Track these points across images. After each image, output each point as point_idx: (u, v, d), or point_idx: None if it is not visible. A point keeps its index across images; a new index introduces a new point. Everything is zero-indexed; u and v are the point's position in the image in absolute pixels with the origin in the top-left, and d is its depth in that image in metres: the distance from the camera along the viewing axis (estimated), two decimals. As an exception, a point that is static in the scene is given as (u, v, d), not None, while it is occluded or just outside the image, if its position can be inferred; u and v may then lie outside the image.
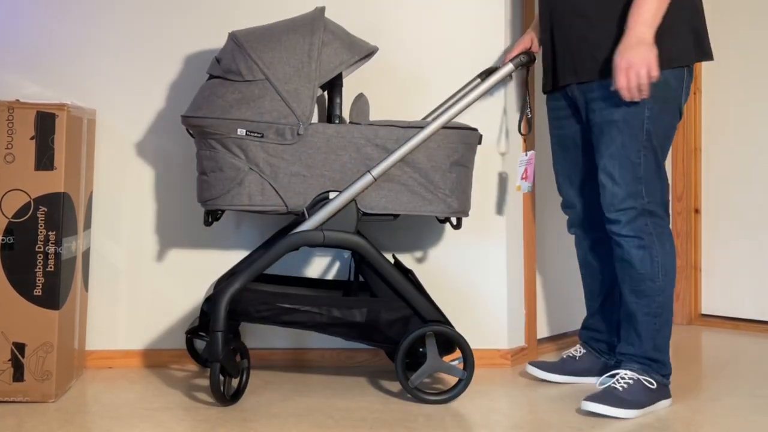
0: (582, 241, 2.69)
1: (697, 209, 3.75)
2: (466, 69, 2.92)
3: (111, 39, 2.90)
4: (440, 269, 2.95)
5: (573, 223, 2.70)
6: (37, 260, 2.47)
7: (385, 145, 2.49)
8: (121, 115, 2.90)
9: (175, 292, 2.91)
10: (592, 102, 2.47)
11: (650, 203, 2.42)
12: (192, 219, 2.92)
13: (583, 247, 2.69)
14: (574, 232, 2.70)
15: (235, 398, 2.49)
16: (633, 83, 2.33)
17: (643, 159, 2.41)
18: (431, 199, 2.51)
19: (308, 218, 2.47)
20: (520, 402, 2.54)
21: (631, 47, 2.33)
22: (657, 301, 2.44)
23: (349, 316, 2.49)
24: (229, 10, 2.91)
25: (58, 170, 2.48)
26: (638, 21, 2.34)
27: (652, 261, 2.42)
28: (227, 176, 2.46)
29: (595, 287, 2.69)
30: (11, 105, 2.47)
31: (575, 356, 2.73)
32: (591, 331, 2.72)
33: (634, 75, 2.32)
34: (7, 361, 2.47)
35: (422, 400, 2.49)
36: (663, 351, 2.47)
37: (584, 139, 2.58)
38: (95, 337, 2.88)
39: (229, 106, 2.44)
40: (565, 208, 2.70)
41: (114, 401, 2.51)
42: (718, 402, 2.55)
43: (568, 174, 2.65)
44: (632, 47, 2.33)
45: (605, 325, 2.69)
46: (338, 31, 2.54)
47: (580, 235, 2.69)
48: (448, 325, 2.51)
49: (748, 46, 3.60)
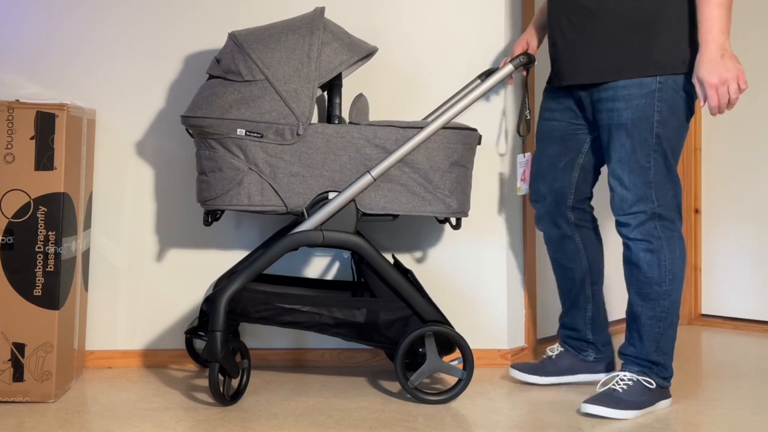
0: (549, 238, 2.68)
1: (697, 209, 3.75)
2: (465, 70, 2.92)
3: (111, 39, 2.90)
4: (440, 269, 2.95)
5: (540, 219, 2.67)
6: (37, 260, 2.47)
7: (385, 146, 2.49)
8: (121, 115, 2.90)
9: (174, 292, 2.91)
10: (598, 102, 2.44)
11: (660, 207, 2.39)
12: (192, 219, 2.92)
13: (551, 245, 2.68)
14: (541, 228, 2.68)
15: (235, 398, 2.49)
16: (724, 100, 2.25)
17: (653, 163, 2.38)
18: (430, 200, 2.51)
19: (308, 218, 2.47)
20: (520, 402, 2.54)
21: (717, 61, 2.23)
22: (662, 305, 2.42)
23: (348, 316, 2.49)
24: (229, 11, 2.92)
25: (57, 170, 2.48)
26: (714, 29, 2.23)
27: (659, 265, 2.40)
28: (227, 176, 2.46)
29: (566, 285, 2.69)
30: (11, 105, 2.47)
31: (552, 356, 2.71)
32: (566, 329, 2.71)
33: (726, 91, 2.24)
34: (6, 361, 2.47)
35: (422, 400, 2.49)
36: (665, 354, 2.46)
37: (574, 135, 2.56)
38: (95, 337, 2.88)
39: (229, 106, 2.44)
40: (533, 202, 2.67)
41: (114, 401, 2.51)
42: (718, 402, 2.55)
43: (543, 167, 2.62)
44: (718, 61, 2.23)
45: (580, 322, 2.68)
46: (338, 31, 2.54)
47: (547, 230, 2.67)
48: (447, 325, 2.51)
49: (748, 46, 3.59)
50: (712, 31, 2.25)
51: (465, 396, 2.56)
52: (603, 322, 2.70)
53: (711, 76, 2.25)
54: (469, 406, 2.49)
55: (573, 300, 2.68)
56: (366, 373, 2.83)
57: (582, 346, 2.69)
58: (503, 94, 2.95)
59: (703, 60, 2.26)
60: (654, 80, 2.35)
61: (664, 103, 2.35)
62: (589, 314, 2.67)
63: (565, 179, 2.59)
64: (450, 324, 2.54)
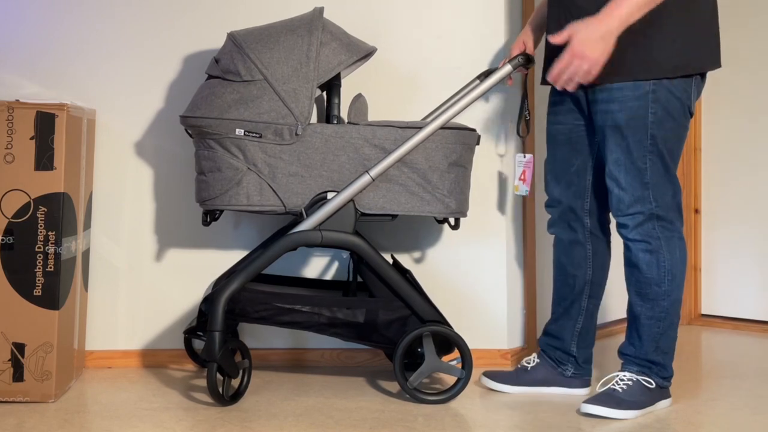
0: (559, 242, 2.64)
1: (697, 209, 3.75)
2: (464, 70, 2.92)
3: (111, 39, 2.90)
4: (439, 269, 2.95)
5: (553, 223, 2.64)
6: (37, 260, 2.47)
7: (383, 146, 2.49)
8: (121, 115, 2.91)
9: (174, 291, 2.92)
10: (594, 104, 2.44)
11: (659, 207, 2.38)
12: (191, 219, 2.92)
13: (560, 248, 2.63)
14: (553, 232, 2.64)
15: (236, 398, 2.49)
16: (571, 74, 2.28)
17: (649, 164, 2.37)
18: (429, 200, 2.51)
19: (306, 218, 2.47)
20: (520, 402, 2.54)
21: (596, 36, 2.24)
22: (661, 305, 2.42)
23: (347, 316, 2.49)
24: (229, 11, 2.92)
25: (57, 170, 2.49)
26: (615, 13, 2.24)
27: (658, 265, 2.40)
28: (225, 176, 2.46)
29: (564, 292, 2.63)
30: (11, 105, 2.48)
31: (527, 366, 2.65)
32: (551, 337, 2.65)
33: (577, 68, 2.27)
34: (6, 361, 2.47)
35: (421, 401, 2.49)
36: (665, 354, 2.45)
37: (580, 136, 2.53)
38: (95, 337, 2.88)
39: (228, 107, 2.45)
40: (548, 207, 2.64)
41: (113, 401, 2.51)
42: (718, 402, 2.55)
43: (556, 171, 2.59)
44: (597, 37, 2.24)
45: (566, 333, 2.62)
46: (337, 31, 2.55)
47: (559, 235, 2.63)
48: (445, 325, 2.51)
49: (748, 48, 3.59)
50: (615, 12, 2.24)
51: (464, 396, 2.56)
52: (590, 339, 2.64)
53: (580, 44, 2.25)
54: (469, 405, 2.49)
55: (566, 308, 2.62)
56: (366, 373, 2.83)
57: (562, 358, 2.63)
58: (502, 94, 2.95)
59: (588, 25, 2.26)
60: (648, 82, 2.34)
61: (659, 105, 2.35)
62: (579, 326, 2.61)
63: (579, 183, 2.56)
64: (449, 324, 2.54)
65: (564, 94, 2.54)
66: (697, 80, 2.40)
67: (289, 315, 2.49)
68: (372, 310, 2.50)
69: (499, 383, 2.64)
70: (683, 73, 2.35)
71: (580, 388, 2.62)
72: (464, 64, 2.93)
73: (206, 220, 2.57)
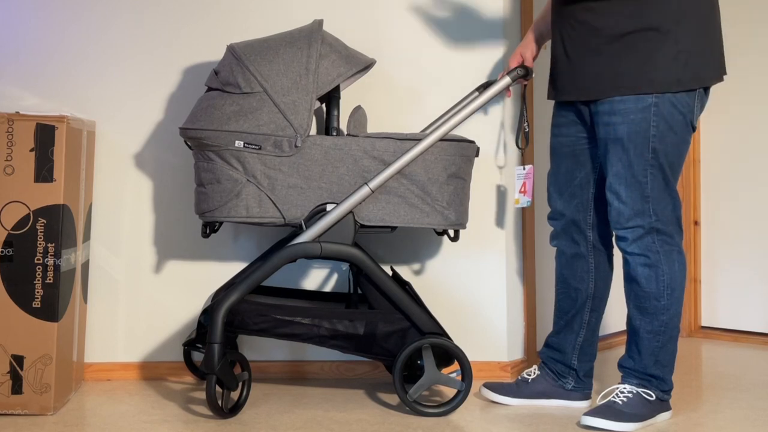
0: (561, 255, 2.62)
1: (697, 221, 3.75)
2: (463, 82, 2.93)
3: (110, 51, 2.91)
4: (438, 282, 2.95)
5: (556, 235, 2.63)
6: (36, 272, 2.47)
7: (383, 158, 2.49)
8: (121, 126, 2.91)
9: (173, 303, 2.91)
10: (596, 116, 2.43)
11: (658, 221, 2.38)
12: (190, 231, 2.92)
13: (562, 261, 2.62)
14: (556, 244, 2.63)
15: (235, 411, 2.48)
16: None
17: (650, 177, 2.37)
18: (428, 212, 2.51)
19: (306, 230, 2.47)
20: (521, 414, 2.53)
21: None
22: (660, 319, 2.41)
23: (346, 328, 2.49)
24: (228, 23, 2.93)
25: (57, 182, 2.49)
26: None
27: (657, 280, 2.39)
28: (225, 188, 2.46)
29: (566, 305, 2.62)
30: (11, 117, 2.48)
31: (528, 379, 2.64)
32: (552, 350, 2.64)
33: None
34: (5, 374, 2.47)
35: (421, 413, 2.48)
36: (665, 367, 2.44)
37: (583, 149, 2.53)
38: (94, 349, 2.88)
39: (227, 118, 2.45)
40: (550, 219, 2.63)
41: (112, 414, 2.50)
42: (719, 414, 2.54)
43: (559, 183, 2.59)
44: None
45: (568, 346, 2.61)
46: (336, 43, 2.55)
47: (561, 248, 2.62)
48: (445, 337, 2.50)
49: (747, 59, 3.60)
50: None
51: (464, 408, 2.55)
52: (591, 352, 2.63)
53: None
54: (469, 418, 2.48)
55: (568, 321, 2.61)
56: (365, 386, 2.83)
57: (563, 371, 2.62)
58: (501, 106, 2.96)
59: None
60: (651, 96, 2.35)
61: (661, 119, 2.35)
62: (580, 339, 2.60)
63: (582, 196, 2.56)
64: (448, 336, 2.53)
65: (568, 107, 2.54)
66: (700, 94, 2.40)
67: (288, 327, 2.49)
68: (371, 322, 2.49)
69: (499, 395, 2.63)
70: (686, 87, 2.35)
71: (580, 401, 2.61)
72: (463, 76, 2.94)
73: (206, 232, 2.58)
